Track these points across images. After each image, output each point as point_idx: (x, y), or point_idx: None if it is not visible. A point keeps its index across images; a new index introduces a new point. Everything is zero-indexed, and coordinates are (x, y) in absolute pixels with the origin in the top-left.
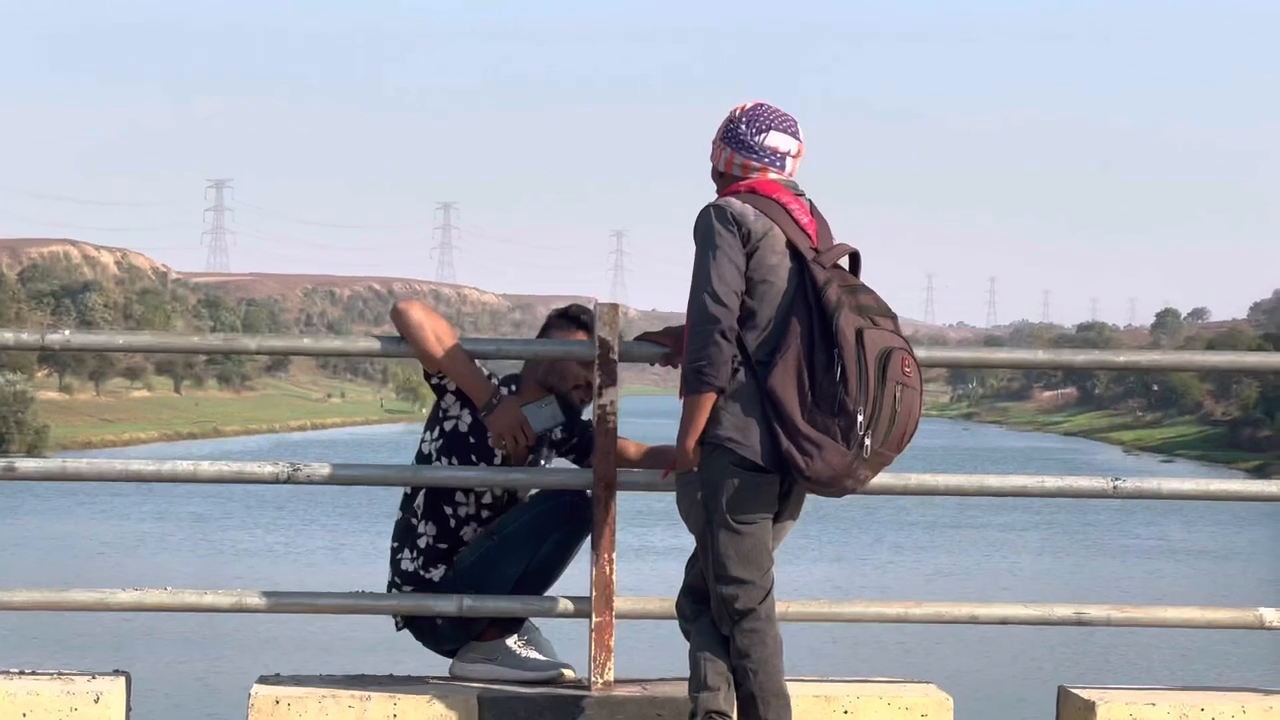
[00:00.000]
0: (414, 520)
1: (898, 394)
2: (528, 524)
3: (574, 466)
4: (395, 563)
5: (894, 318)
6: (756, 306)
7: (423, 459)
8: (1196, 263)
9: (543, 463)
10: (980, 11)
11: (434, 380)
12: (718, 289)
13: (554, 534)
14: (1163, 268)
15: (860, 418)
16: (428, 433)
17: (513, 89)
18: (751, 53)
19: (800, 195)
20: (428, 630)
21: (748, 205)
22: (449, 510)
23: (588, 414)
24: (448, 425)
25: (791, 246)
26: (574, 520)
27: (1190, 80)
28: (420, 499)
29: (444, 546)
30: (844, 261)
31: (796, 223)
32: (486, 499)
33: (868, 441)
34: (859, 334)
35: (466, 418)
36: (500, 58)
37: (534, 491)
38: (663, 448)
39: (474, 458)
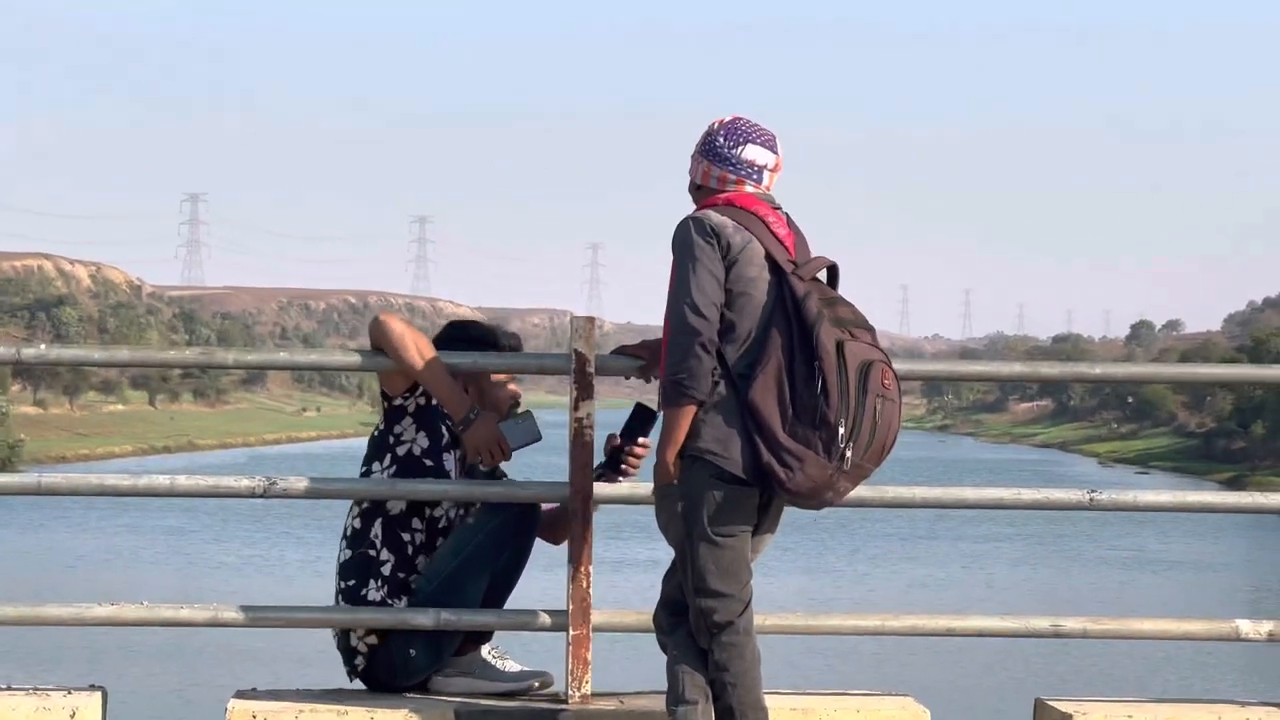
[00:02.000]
0: (372, 552)
1: (878, 406)
2: (483, 543)
3: (555, 480)
4: (357, 599)
5: (872, 330)
6: (736, 319)
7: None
8: (1171, 275)
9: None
10: (954, 24)
11: (395, 401)
12: (697, 301)
13: (508, 548)
14: (1137, 280)
15: (842, 430)
16: (375, 463)
17: (488, 103)
18: (729, 65)
19: (777, 208)
20: (394, 668)
21: (727, 218)
22: (406, 538)
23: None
24: (400, 451)
25: (770, 259)
26: (525, 531)
27: (1165, 93)
28: (377, 529)
29: (403, 575)
30: (822, 275)
31: (774, 235)
32: (442, 524)
33: (849, 454)
34: (839, 346)
35: (422, 440)
36: (475, 72)
37: (479, 507)
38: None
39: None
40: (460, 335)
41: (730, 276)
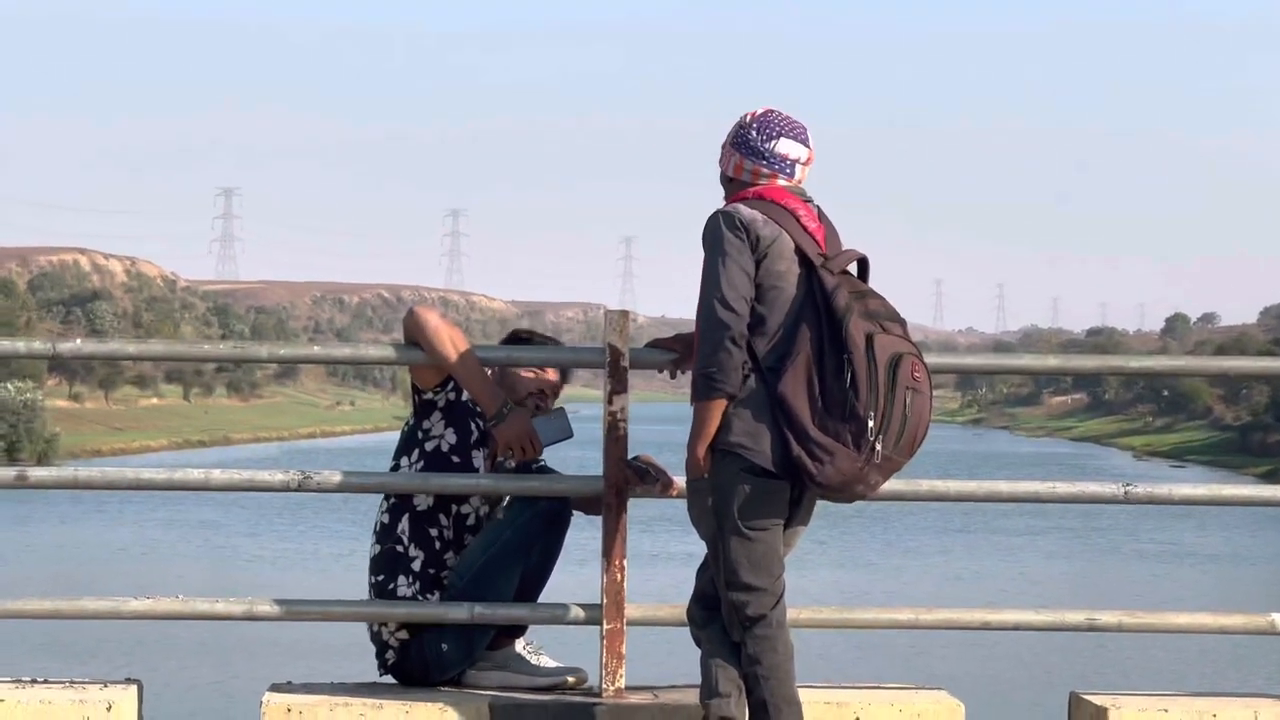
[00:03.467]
0: (400, 548)
1: (908, 399)
2: (513, 538)
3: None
4: (388, 593)
5: (903, 323)
6: (766, 313)
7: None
8: (1206, 267)
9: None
10: (989, 19)
11: (426, 395)
12: (727, 295)
13: (539, 542)
14: (1172, 272)
15: (871, 423)
16: (404, 458)
17: (522, 95)
18: (760, 60)
19: (808, 201)
20: (427, 663)
21: (756, 211)
22: (434, 533)
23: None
24: (429, 446)
25: (800, 253)
26: (556, 525)
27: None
28: (405, 524)
29: (432, 571)
30: (853, 267)
31: (804, 229)
32: (470, 521)
33: (878, 447)
34: (869, 339)
35: (450, 437)
36: (508, 63)
37: (506, 502)
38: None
39: None
40: (517, 342)
41: (760, 270)
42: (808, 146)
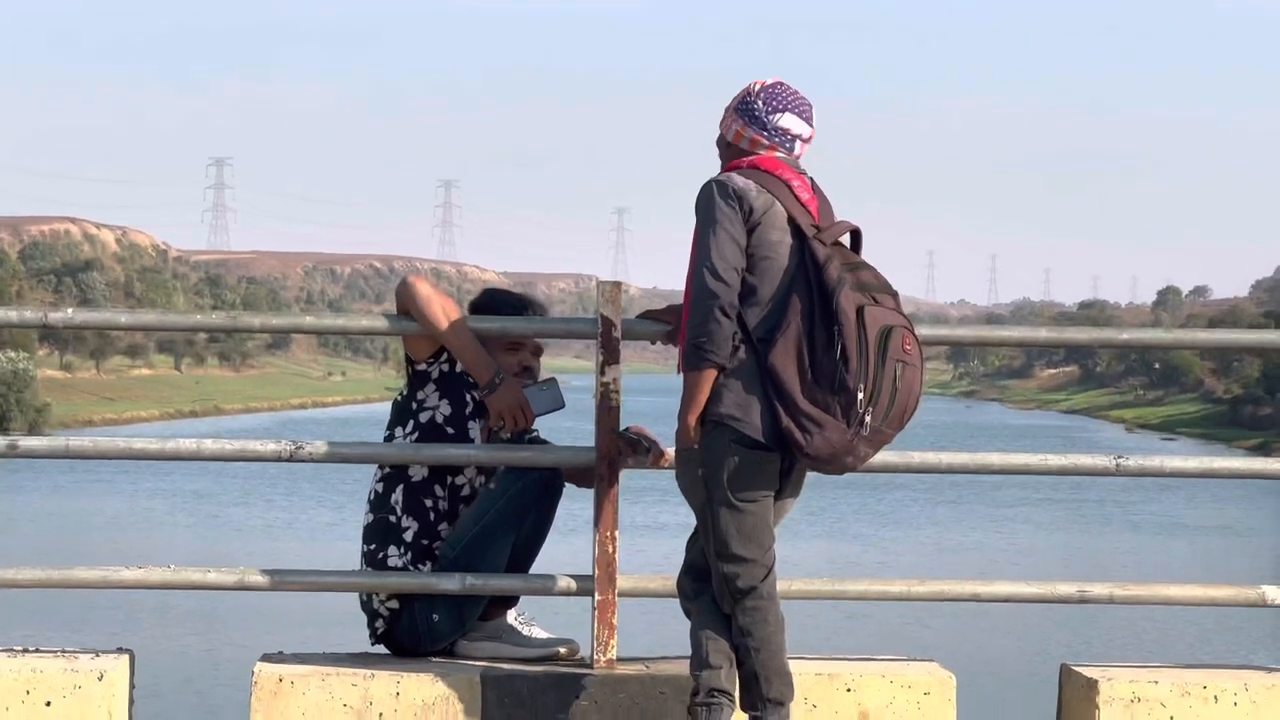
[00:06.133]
0: (393, 518)
1: (898, 371)
2: (505, 507)
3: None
4: (379, 563)
5: (895, 295)
6: (757, 283)
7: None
8: (1198, 240)
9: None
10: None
11: (419, 366)
12: (718, 265)
13: (531, 512)
14: (1164, 245)
15: (861, 395)
16: (398, 428)
17: (514, 68)
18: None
19: (802, 173)
20: (418, 633)
21: (750, 181)
22: (429, 504)
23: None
24: (423, 417)
25: (793, 223)
26: (548, 495)
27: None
28: (399, 495)
29: (425, 542)
30: (846, 239)
31: (798, 199)
32: (465, 492)
33: (868, 419)
34: (860, 311)
35: (444, 408)
36: (501, 38)
37: (501, 472)
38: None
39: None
40: (492, 303)
41: (752, 240)
42: (810, 125)
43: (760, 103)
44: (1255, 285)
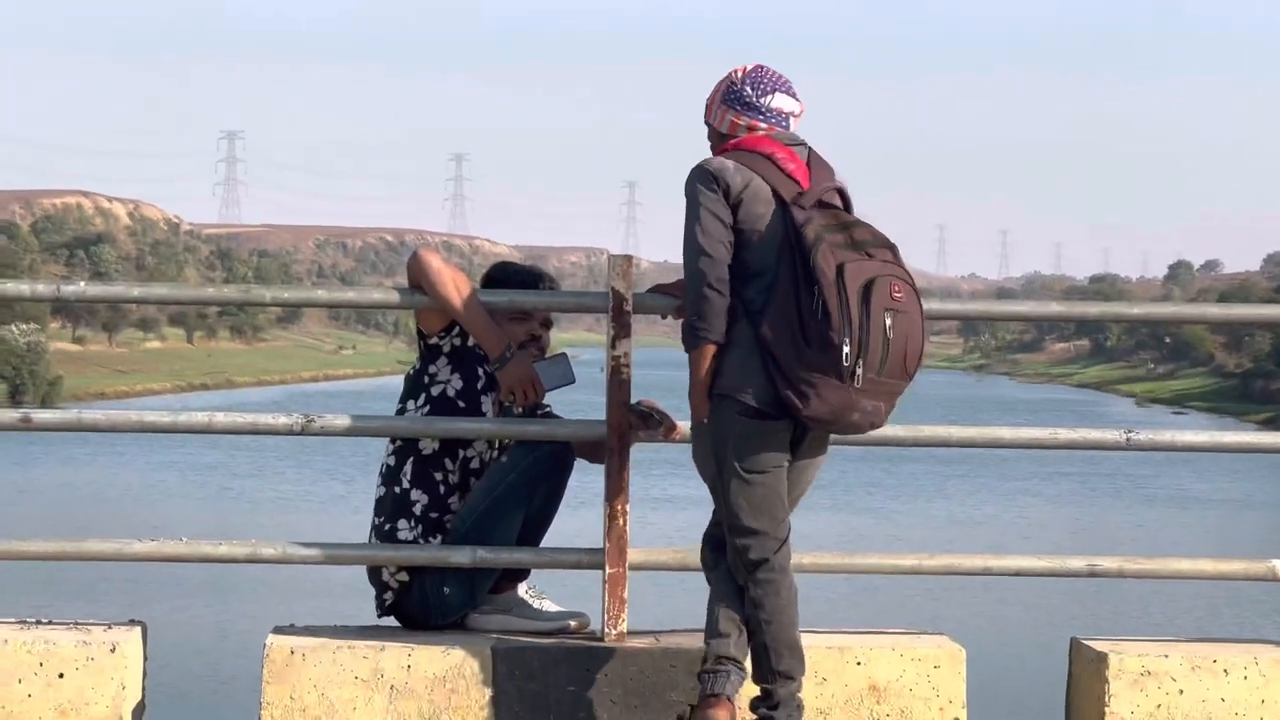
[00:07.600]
0: (402, 491)
1: (887, 320)
2: (516, 481)
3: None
4: (389, 536)
5: (894, 248)
6: (748, 256)
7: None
8: (1209, 215)
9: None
10: None
11: (431, 340)
12: (702, 242)
13: (542, 486)
14: (1176, 220)
15: (846, 349)
16: (410, 401)
17: (525, 40)
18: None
19: (800, 144)
20: (428, 606)
21: (727, 160)
22: (439, 477)
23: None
24: (435, 390)
25: (777, 195)
26: (559, 469)
27: (1203, 33)
28: (409, 468)
29: (435, 515)
30: (838, 201)
31: (782, 170)
32: (475, 465)
33: (859, 372)
34: (840, 269)
35: (456, 382)
36: (512, 9)
37: (512, 446)
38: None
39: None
40: (504, 276)
41: (739, 216)
42: (799, 100)
43: (749, 89)
44: (1267, 259)
